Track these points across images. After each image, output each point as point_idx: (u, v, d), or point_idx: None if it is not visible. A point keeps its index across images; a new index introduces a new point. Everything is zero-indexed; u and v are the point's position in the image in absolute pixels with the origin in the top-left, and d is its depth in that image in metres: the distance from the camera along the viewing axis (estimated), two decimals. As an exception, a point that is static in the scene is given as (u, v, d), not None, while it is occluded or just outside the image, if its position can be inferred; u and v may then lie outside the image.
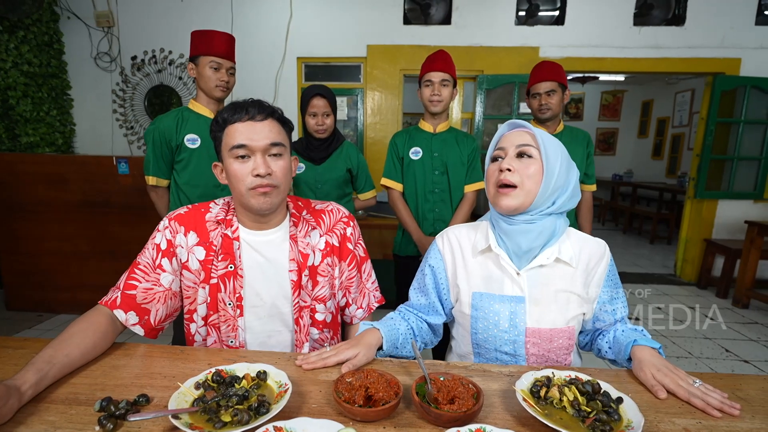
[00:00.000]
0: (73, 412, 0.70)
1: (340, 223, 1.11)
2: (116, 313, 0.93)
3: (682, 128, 6.79)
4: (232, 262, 0.99)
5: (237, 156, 0.94)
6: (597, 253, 0.97)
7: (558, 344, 0.95)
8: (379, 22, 3.69)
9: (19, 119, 3.46)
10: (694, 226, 4.08)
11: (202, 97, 1.82)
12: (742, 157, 3.89)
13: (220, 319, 1.00)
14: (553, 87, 1.93)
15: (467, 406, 0.71)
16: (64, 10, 3.73)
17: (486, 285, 0.98)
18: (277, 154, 0.96)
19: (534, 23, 3.68)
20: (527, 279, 0.95)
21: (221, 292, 0.98)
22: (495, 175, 0.94)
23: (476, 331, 0.99)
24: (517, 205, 0.91)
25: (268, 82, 3.79)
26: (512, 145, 0.93)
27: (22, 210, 2.97)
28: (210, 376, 0.76)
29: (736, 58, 3.67)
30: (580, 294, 0.95)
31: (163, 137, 1.76)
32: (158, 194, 1.90)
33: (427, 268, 1.07)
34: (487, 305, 0.96)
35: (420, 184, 1.91)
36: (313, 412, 0.72)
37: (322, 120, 1.91)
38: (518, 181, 0.90)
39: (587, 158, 2.04)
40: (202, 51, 1.75)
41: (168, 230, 0.99)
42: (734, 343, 2.80)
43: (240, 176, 0.94)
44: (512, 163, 0.92)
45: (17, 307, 3.09)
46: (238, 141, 0.93)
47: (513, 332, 0.94)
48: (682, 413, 0.74)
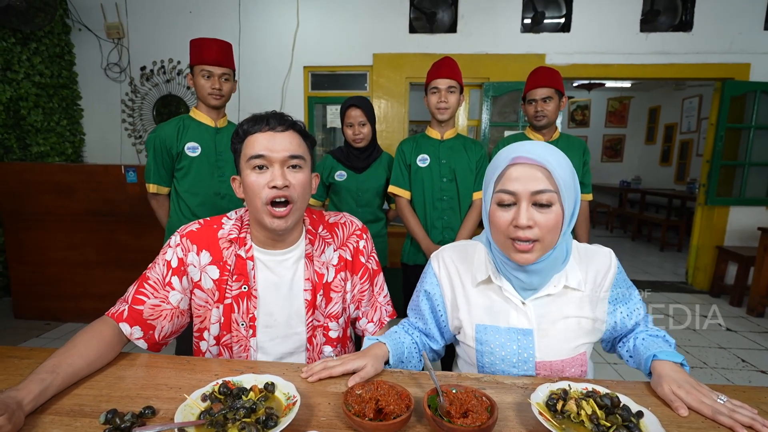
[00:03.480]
0: (78, 425, 0.68)
1: (354, 237, 1.09)
2: (122, 326, 0.91)
3: (691, 134, 6.73)
4: (245, 283, 0.97)
5: (254, 167, 0.91)
6: (603, 267, 0.91)
7: (570, 372, 0.90)
8: (384, 31, 3.71)
9: (30, 129, 3.51)
10: (706, 233, 4.01)
11: (201, 106, 1.85)
12: (754, 163, 3.84)
13: (232, 339, 0.98)
14: (549, 93, 1.89)
15: (481, 420, 0.68)
16: (76, 23, 3.81)
17: (490, 317, 0.91)
18: (296, 166, 0.93)
19: (540, 30, 3.68)
20: (534, 309, 0.88)
21: (234, 313, 0.97)
22: (507, 226, 0.81)
23: (483, 365, 0.93)
24: (536, 259, 0.81)
25: (275, 91, 3.82)
26: (526, 191, 0.79)
27: (31, 219, 2.99)
28: (217, 387, 0.75)
29: (745, 64, 3.64)
30: (590, 316, 0.89)
31: (163, 145, 1.77)
32: (159, 202, 1.91)
33: (422, 293, 1.00)
34: (493, 338, 0.90)
35: (428, 191, 1.90)
36: (322, 425, 0.70)
37: (359, 129, 1.92)
38: (538, 236, 0.79)
39: (583, 167, 2.00)
40: (195, 60, 1.78)
41: (180, 248, 0.97)
42: (750, 353, 2.73)
43: (256, 188, 0.91)
44: (531, 216, 0.79)
45: (24, 315, 3.10)
46: (257, 151, 0.91)
47: (522, 367, 0.89)
48: (706, 428, 0.71)
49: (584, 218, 2.09)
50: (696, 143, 6.59)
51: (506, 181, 0.81)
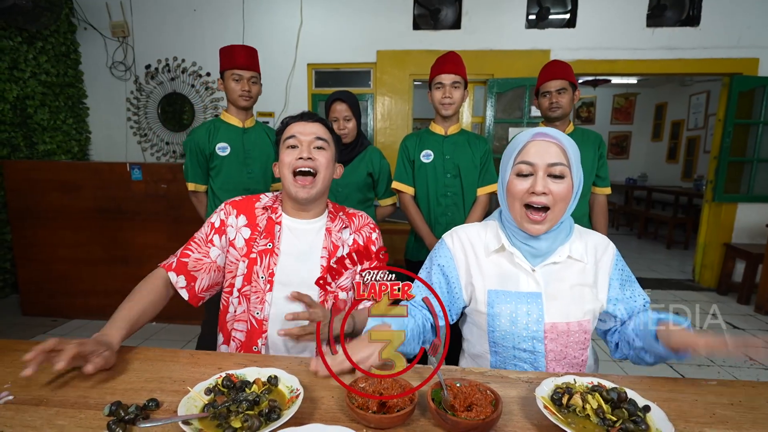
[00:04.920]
0: (82, 416, 0.69)
1: (367, 227, 1.23)
2: (170, 275, 1.07)
3: (698, 131, 6.66)
4: (271, 241, 1.12)
5: (288, 146, 1.13)
6: (602, 244, 1.00)
7: (575, 339, 0.94)
8: (388, 28, 3.70)
9: (36, 128, 3.54)
10: (713, 230, 3.97)
11: (231, 109, 1.96)
12: (762, 159, 3.79)
13: (251, 290, 1.09)
14: (563, 85, 1.88)
15: (485, 414, 0.68)
16: (81, 21, 3.83)
17: (501, 283, 0.97)
18: (321, 147, 1.13)
19: (545, 26, 3.65)
20: (542, 275, 0.95)
21: (256, 265, 1.09)
22: (523, 193, 0.91)
23: (493, 330, 0.97)
24: (547, 228, 0.92)
25: (279, 89, 3.81)
26: (543, 162, 0.90)
27: (38, 217, 3.01)
28: (220, 380, 0.75)
29: (753, 58, 3.59)
30: (593, 286, 0.96)
31: (197, 146, 1.91)
32: (198, 199, 2.04)
33: (435, 267, 1.04)
34: (504, 303, 0.95)
35: (432, 187, 1.89)
36: (326, 418, 0.70)
37: (344, 125, 1.92)
38: (551, 203, 0.90)
39: (599, 160, 1.98)
40: (226, 65, 1.89)
41: (222, 212, 1.15)
42: (758, 351, 2.70)
43: (287, 162, 1.11)
44: (546, 185, 0.89)
45: (32, 312, 3.13)
46: (291, 133, 1.14)
47: (532, 329, 0.93)
48: (714, 423, 0.70)
49: (602, 212, 2.07)
50: (703, 140, 6.52)
51: (526, 155, 0.92)
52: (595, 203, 2.06)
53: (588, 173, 1.93)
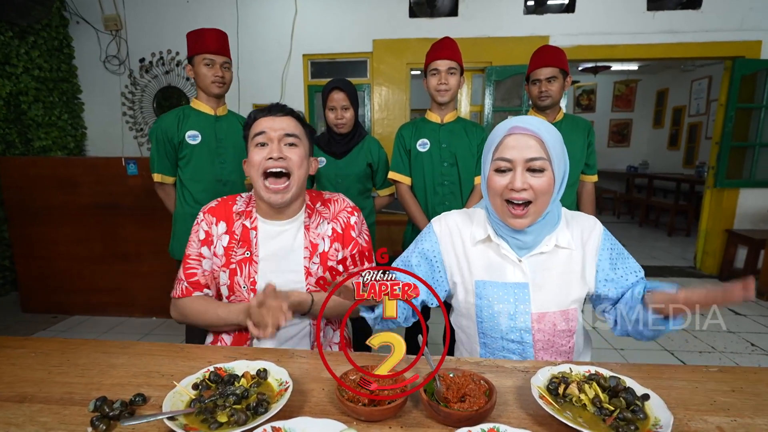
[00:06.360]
0: (66, 413, 0.67)
1: (344, 212, 1.18)
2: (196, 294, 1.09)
3: (699, 117, 6.58)
4: (248, 249, 1.09)
5: (257, 144, 1.06)
6: (588, 226, 0.97)
7: (562, 327, 0.93)
8: (384, 16, 3.64)
9: (31, 124, 3.50)
10: (715, 216, 3.93)
11: (202, 96, 1.85)
12: (765, 144, 3.74)
13: (236, 299, 1.09)
14: (554, 73, 1.84)
15: (479, 405, 0.66)
16: (73, 15, 3.77)
17: (488, 273, 0.96)
18: (293, 144, 1.07)
19: (543, 11, 3.59)
20: (529, 265, 0.94)
21: (237, 276, 1.08)
22: (503, 190, 0.89)
23: (482, 320, 0.96)
24: (530, 222, 0.89)
25: (275, 80, 3.76)
26: (521, 157, 0.86)
27: (36, 213, 2.99)
28: (207, 374, 0.73)
29: (756, 41, 3.52)
30: (581, 272, 0.94)
31: (165, 135, 1.79)
32: (165, 191, 1.93)
33: (417, 253, 1.01)
34: (491, 293, 0.94)
35: (428, 176, 1.86)
36: (315, 411, 0.68)
37: (341, 114, 1.88)
38: (532, 197, 0.87)
39: (588, 147, 1.94)
40: (196, 50, 1.78)
41: (204, 222, 1.12)
42: (760, 337, 2.69)
43: (256, 162, 1.05)
44: (525, 180, 0.86)
45: (32, 309, 3.13)
46: (259, 129, 1.06)
47: (519, 319, 0.93)
48: (714, 410, 0.68)
49: (590, 200, 2.05)
50: (705, 126, 6.44)
51: (503, 150, 0.88)
52: (582, 191, 2.05)
53: (577, 161, 1.90)
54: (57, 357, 0.85)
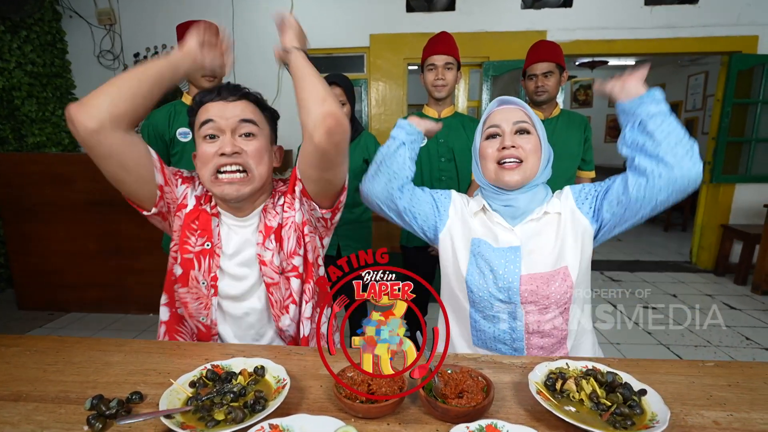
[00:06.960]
0: (62, 411, 0.67)
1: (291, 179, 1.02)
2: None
3: (696, 112, 6.60)
4: (209, 240, 0.94)
5: (206, 135, 0.90)
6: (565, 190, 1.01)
7: (555, 288, 0.93)
8: (381, 11, 3.61)
9: (24, 119, 3.47)
10: (711, 211, 3.95)
11: (193, 91, 1.80)
12: (761, 139, 3.75)
13: (190, 294, 0.94)
14: (550, 68, 1.83)
15: (476, 400, 0.66)
16: (66, 9, 3.72)
17: (483, 236, 1.02)
18: (249, 134, 0.91)
19: (541, 6, 3.57)
20: (521, 232, 0.99)
21: (194, 270, 0.93)
22: (494, 153, 0.97)
23: (471, 275, 0.99)
24: (522, 179, 0.94)
25: (271, 76, 3.73)
26: (508, 122, 0.96)
27: (31, 210, 2.97)
28: (204, 372, 0.73)
29: (753, 36, 3.52)
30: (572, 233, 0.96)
31: (156, 131, 1.75)
32: None
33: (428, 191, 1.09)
34: (486, 252, 0.98)
35: (426, 171, 1.85)
36: (313, 408, 0.68)
37: None
38: (522, 156, 0.94)
39: (585, 143, 1.93)
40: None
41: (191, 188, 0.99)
42: (755, 331, 2.71)
43: (205, 158, 0.89)
44: (514, 140, 0.95)
45: (28, 306, 3.11)
46: (207, 116, 0.89)
47: (507, 279, 0.95)
48: (711, 405, 0.69)
49: None
50: (701, 121, 6.46)
51: (492, 119, 0.99)
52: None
53: (574, 156, 1.89)
54: (52, 355, 0.85)
